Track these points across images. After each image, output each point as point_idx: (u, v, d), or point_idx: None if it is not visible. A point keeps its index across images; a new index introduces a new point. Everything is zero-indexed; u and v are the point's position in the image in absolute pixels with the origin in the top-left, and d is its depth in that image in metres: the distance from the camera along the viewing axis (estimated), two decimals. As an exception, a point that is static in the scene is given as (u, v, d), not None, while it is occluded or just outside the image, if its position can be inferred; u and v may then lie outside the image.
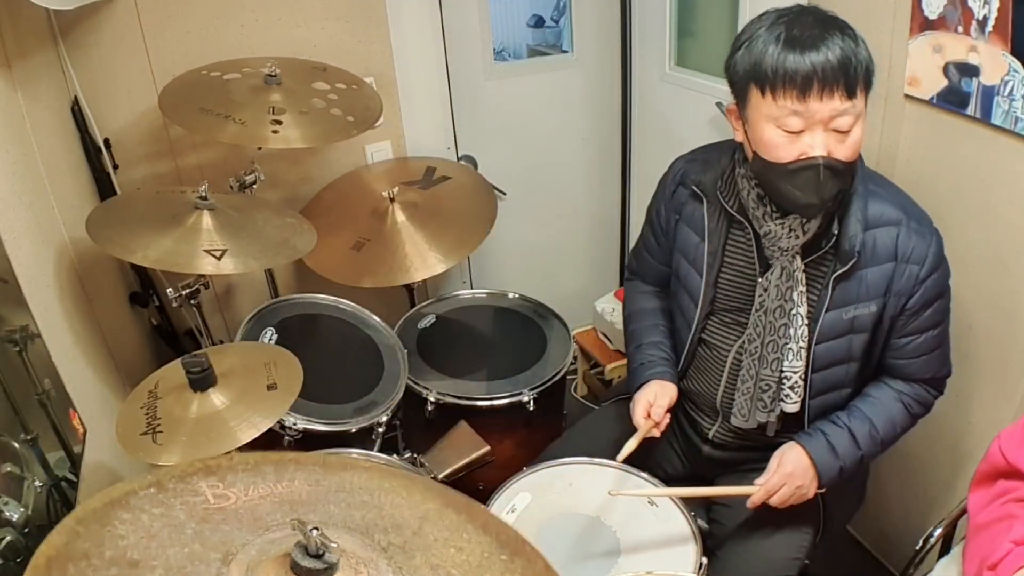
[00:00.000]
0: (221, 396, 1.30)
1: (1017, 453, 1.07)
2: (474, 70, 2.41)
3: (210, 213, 1.53)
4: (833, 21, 1.15)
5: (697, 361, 1.49)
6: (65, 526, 0.64)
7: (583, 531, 1.33)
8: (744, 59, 1.18)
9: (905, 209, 1.27)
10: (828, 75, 1.11)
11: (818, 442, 1.32)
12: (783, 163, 1.17)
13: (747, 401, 1.39)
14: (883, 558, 1.99)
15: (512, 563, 0.75)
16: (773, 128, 1.17)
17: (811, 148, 1.15)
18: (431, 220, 1.98)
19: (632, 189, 2.75)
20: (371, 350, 1.80)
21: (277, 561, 0.67)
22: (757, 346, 1.35)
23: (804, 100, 1.12)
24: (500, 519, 0.84)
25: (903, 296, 1.27)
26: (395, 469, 0.89)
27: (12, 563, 1.01)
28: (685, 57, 2.35)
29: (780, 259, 1.29)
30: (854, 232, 1.24)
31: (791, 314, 1.30)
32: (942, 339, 1.35)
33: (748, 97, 1.20)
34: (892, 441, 1.36)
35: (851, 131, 1.15)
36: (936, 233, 1.28)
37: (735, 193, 1.33)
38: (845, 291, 1.27)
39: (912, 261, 1.25)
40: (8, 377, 1.14)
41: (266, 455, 0.84)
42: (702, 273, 1.40)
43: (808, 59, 1.11)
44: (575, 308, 2.48)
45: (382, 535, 0.74)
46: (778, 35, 1.13)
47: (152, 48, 1.88)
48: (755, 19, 1.20)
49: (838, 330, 1.30)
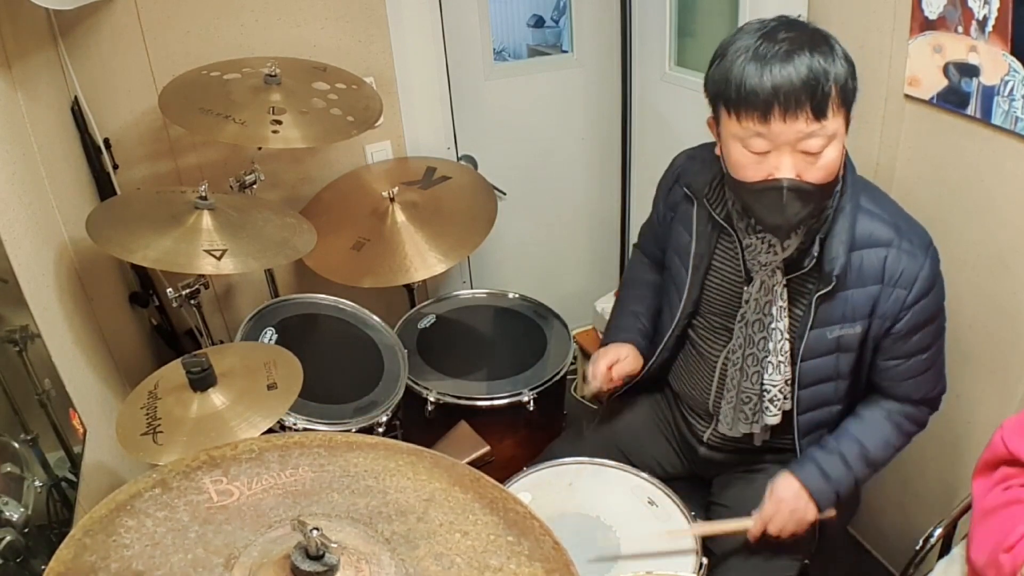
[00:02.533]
0: (221, 396, 1.30)
1: (1019, 443, 1.07)
2: (474, 70, 2.41)
3: (210, 213, 1.53)
4: (808, 37, 1.09)
5: (688, 364, 1.49)
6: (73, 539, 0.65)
7: (583, 531, 1.33)
8: (714, 75, 1.15)
9: (898, 228, 1.22)
10: (791, 97, 1.05)
11: (809, 469, 1.30)
12: (749, 183, 1.14)
13: (731, 411, 1.39)
14: (883, 558, 1.99)
15: (519, 544, 0.75)
16: (740, 148, 1.13)
17: (777, 170, 1.11)
18: (431, 220, 1.98)
19: (632, 189, 2.75)
20: (371, 350, 1.80)
21: (278, 563, 0.67)
22: (739, 357, 1.34)
23: (766, 123, 1.08)
24: (510, 494, 0.83)
25: (888, 319, 1.24)
26: (401, 444, 0.88)
27: (12, 563, 1.01)
28: (685, 57, 2.35)
29: (760, 272, 1.27)
30: (835, 255, 1.20)
31: (770, 328, 1.28)
32: (933, 361, 1.31)
33: (718, 114, 1.17)
34: (887, 460, 1.34)
35: (822, 153, 1.10)
36: (931, 254, 1.23)
37: (723, 201, 1.31)
38: (829, 311, 1.25)
39: (900, 285, 1.22)
40: (8, 377, 1.14)
41: (271, 439, 0.84)
42: (688, 271, 1.39)
43: (769, 80, 1.05)
44: (575, 308, 2.48)
45: (386, 524, 0.74)
46: (747, 52, 1.08)
47: (152, 48, 1.88)
48: (739, 29, 1.15)
49: (823, 348, 1.28)
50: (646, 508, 1.37)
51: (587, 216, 2.82)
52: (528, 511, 0.80)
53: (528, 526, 0.78)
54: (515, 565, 0.72)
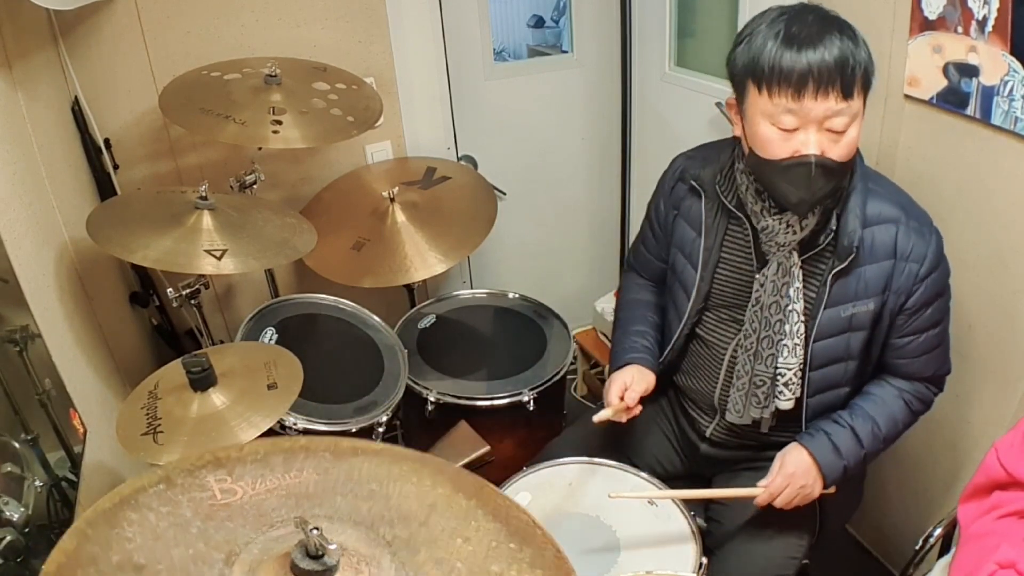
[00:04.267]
0: (221, 396, 1.31)
1: (1017, 463, 1.05)
2: (474, 70, 2.41)
3: (210, 213, 1.53)
4: (834, 20, 1.15)
5: (695, 359, 1.49)
6: (76, 529, 0.65)
7: (583, 530, 1.33)
8: (743, 54, 1.18)
9: (904, 208, 1.27)
10: (824, 75, 1.11)
11: (820, 442, 1.32)
12: (776, 159, 1.18)
13: (742, 397, 1.39)
14: (883, 558, 1.99)
15: (520, 552, 0.75)
16: (768, 124, 1.17)
17: (804, 146, 1.15)
18: (431, 220, 1.98)
19: (632, 189, 2.76)
20: (371, 350, 1.80)
21: (278, 561, 0.67)
22: (753, 341, 1.35)
23: (799, 99, 1.12)
24: (513, 502, 0.83)
25: (902, 294, 1.27)
26: (407, 451, 0.89)
27: (13, 563, 1.01)
28: (685, 57, 2.35)
29: (777, 255, 1.29)
30: (852, 228, 1.24)
31: (787, 310, 1.30)
32: (942, 337, 1.35)
33: (745, 92, 1.20)
34: (895, 438, 1.36)
35: (846, 131, 1.15)
36: (936, 232, 1.28)
37: (733, 188, 1.34)
38: (843, 288, 1.27)
39: (911, 259, 1.25)
40: (9, 377, 1.14)
41: (277, 443, 0.84)
42: (697, 267, 1.40)
43: (805, 58, 1.11)
44: (575, 308, 2.48)
45: (388, 528, 0.74)
46: (777, 32, 1.14)
47: (152, 48, 1.88)
48: (758, 15, 1.20)
49: (836, 328, 1.30)
50: (646, 508, 1.37)
51: (587, 216, 2.82)
52: (531, 520, 0.80)
53: (531, 534, 0.78)
54: (516, 572, 0.73)
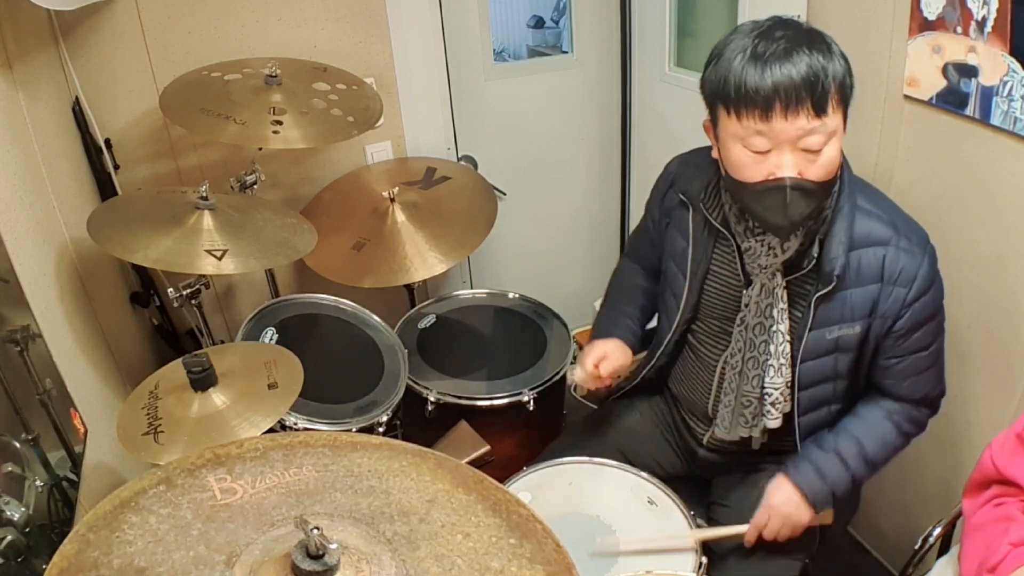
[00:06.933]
0: (222, 396, 1.31)
1: (1008, 463, 1.06)
2: (474, 70, 2.41)
3: (211, 213, 1.53)
4: (804, 35, 1.10)
5: (688, 368, 1.49)
6: (76, 534, 0.65)
7: (583, 530, 1.33)
8: (712, 76, 1.15)
9: (895, 226, 1.23)
10: (791, 93, 1.06)
11: (803, 469, 1.30)
12: (751, 183, 1.14)
13: (729, 415, 1.38)
14: (882, 558, 1.99)
15: (520, 547, 0.75)
16: (740, 147, 1.13)
17: (779, 168, 1.11)
18: (431, 220, 1.98)
19: (632, 189, 2.76)
20: (371, 350, 1.80)
21: (279, 562, 0.67)
22: (738, 361, 1.34)
23: (767, 120, 1.08)
24: (512, 496, 0.83)
25: (888, 318, 1.24)
26: (405, 444, 0.88)
27: (13, 563, 1.01)
28: (685, 57, 2.35)
29: (760, 276, 1.27)
30: (835, 255, 1.20)
31: (771, 331, 1.28)
32: (934, 359, 1.31)
33: (717, 115, 1.17)
34: (884, 461, 1.34)
35: (823, 150, 1.10)
36: (929, 252, 1.23)
37: (719, 205, 1.31)
38: (828, 311, 1.24)
39: (899, 283, 1.21)
40: (9, 377, 1.14)
41: (276, 438, 0.84)
42: (686, 277, 1.38)
43: (770, 77, 1.06)
44: (575, 308, 2.48)
45: (388, 525, 0.74)
46: (744, 52, 1.09)
47: (153, 48, 1.88)
48: (731, 32, 1.16)
49: (822, 349, 1.28)
50: (646, 508, 1.38)
51: (587, 216, 2.82)
52: (531, 514, 0.80)
53: (530, 529, 0.78)
54: (516, 567, 0.72)
